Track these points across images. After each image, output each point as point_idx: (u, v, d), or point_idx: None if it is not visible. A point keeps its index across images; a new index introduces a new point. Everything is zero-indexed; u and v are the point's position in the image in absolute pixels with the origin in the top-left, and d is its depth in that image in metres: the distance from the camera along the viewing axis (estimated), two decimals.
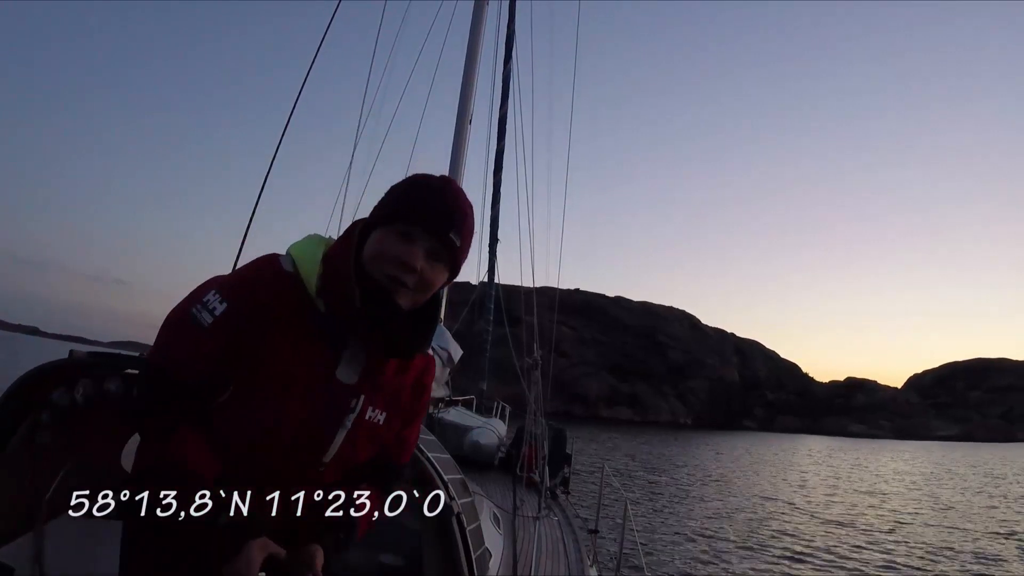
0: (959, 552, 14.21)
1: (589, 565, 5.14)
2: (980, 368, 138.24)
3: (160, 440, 1.27)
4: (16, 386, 1.94)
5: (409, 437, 1.60)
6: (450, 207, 1.39)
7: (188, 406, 1.28)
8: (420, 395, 1.58)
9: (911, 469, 39.68)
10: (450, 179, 1.45)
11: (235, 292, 1.31)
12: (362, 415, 1.41)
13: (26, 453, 1.95)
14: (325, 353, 1.36)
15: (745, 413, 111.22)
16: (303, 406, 1.34)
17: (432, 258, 1.38)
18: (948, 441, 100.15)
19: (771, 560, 12.36)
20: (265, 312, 1.30)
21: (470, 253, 1.53)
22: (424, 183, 1.42)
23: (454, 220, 1.39)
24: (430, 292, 1.43)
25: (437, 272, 1.40)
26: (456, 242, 1.40)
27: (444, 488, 2.14)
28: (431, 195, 1.39)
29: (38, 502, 1.98)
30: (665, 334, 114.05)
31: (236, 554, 1.19)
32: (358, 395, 1.40)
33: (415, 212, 1.36)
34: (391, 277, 1.35)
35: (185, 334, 1.29)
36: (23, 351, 63.98)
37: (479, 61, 6.66)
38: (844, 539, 14.89)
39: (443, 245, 1.38)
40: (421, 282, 1.38)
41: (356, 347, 1.39)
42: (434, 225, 1.36)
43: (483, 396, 9.29)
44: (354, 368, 1.40)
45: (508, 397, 10.20)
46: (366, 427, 1.43)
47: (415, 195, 1.38)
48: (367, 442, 1.45)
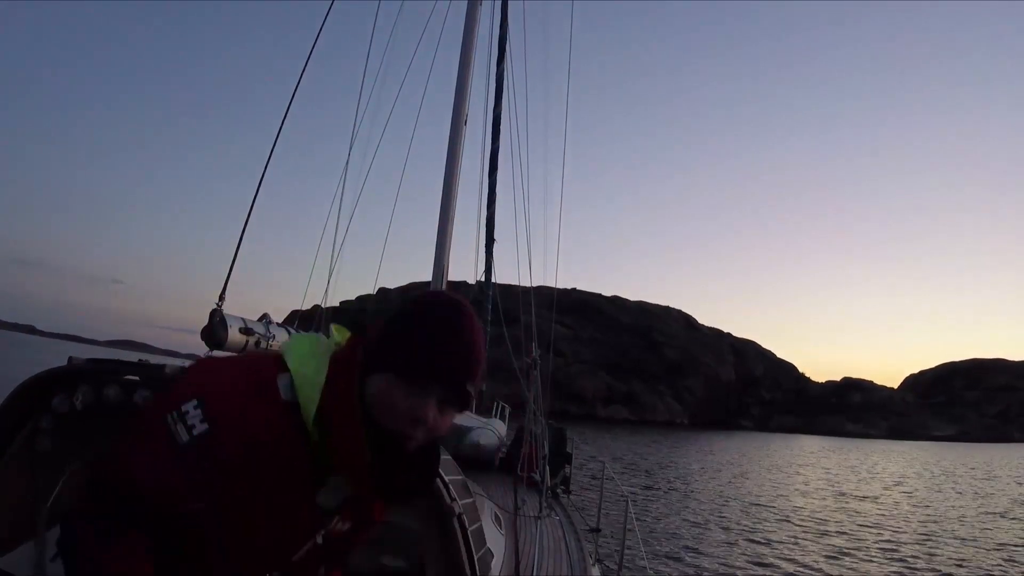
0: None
1: (591, 564, 5.14)
2: (976, 368, 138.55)
3: (99, 548, 1.13)
4: (16, 392, 1.94)
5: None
6: (469, 357, 1.26)
7: (138, 516, 1.15)
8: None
9: (906, 471, 39.74)
10: (463, 308, 1.29)
11: (221, 416, 1.16)
12: (332, 529, 1.37)
13: (26, 459, 1.95)
14: (308, 478, 1.27)
15: (741, 412, 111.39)
16: (276, 527, 1.28)
17: (444, 409, 1.27)
18: (944, 441, 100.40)
19: (771, 558, 12.38)
20: (251, 439, 1.17)
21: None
22: (442, 331, 1.24)
23: (472, 371, 1.26)
24: (438, 435, 1.31)
25: (447, 419, 1.30)
26: (472, 392, 1.28)
27: (445, 489, 2.13)
28: (449, 345, 1.23)
29: (39, 508, 1.97)
30: (661, 333, 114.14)
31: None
32: (334, 518, 1.35)
33: (432, 369, 1.22)
34: (402, 434, 1.24)
35: (153, 447, 1.15)
36: (19, 350, 63.77)
37: (473, 61, 6.66)
38: (844, 538, 14.92)
39: (458, 396, 1.27)
40: (430, 432, 1.26)
41: (343, 480, 1.29)
42: (451, 379, 1.24)
43: (482, 396, 9.29)
44: (337, 495, 1.31)
45: (505, 397, 10.19)
46: (335, 536, 1.39)
47: (432, 346, 1.22)
48: (336, 548, 1.42)
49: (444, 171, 6.18)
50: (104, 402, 1.97)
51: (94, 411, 1.97)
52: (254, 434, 1.17)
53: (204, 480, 1.15)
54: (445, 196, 6.17)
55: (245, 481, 1.18)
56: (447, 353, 1.23)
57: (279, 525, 1.28)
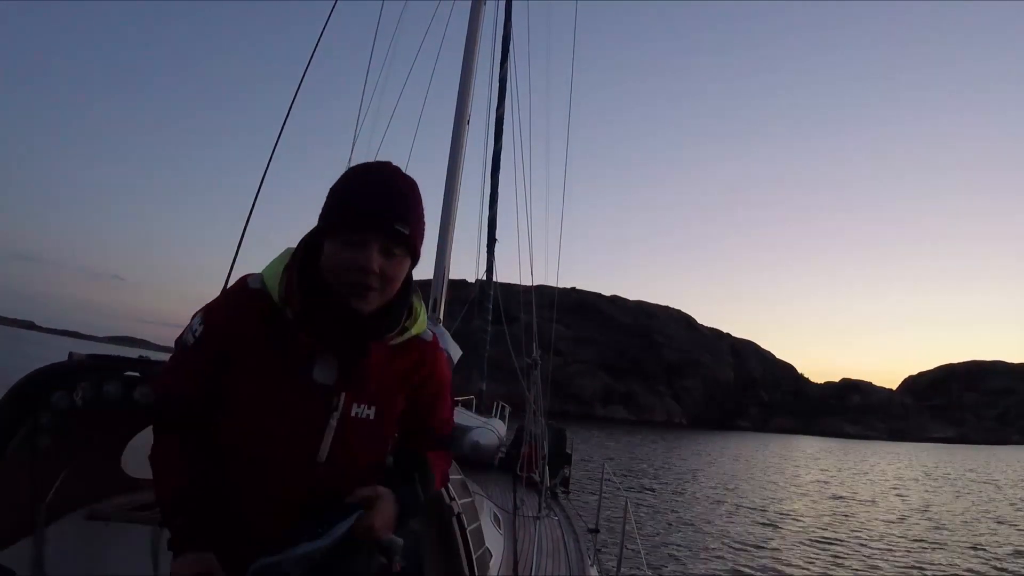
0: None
1: (590, 564, 5.14)
2: (975, 370, 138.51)
3: (156, 443, 1.45)
4: (16, 389, 1.93)
5: (442, 414, 1.67)
6: (389, 199, 1.37)
7: (186, 414, 1.43)
8: (426, 383, 1.58)
9: (904, 473, 39.74)
10: (384, 165, 1.44)
11: (211, 314, 1.44)
12: (347, 413, 1.43)
13: (26, 455, 1.94)
14: (299, 357, 1.41)
15: (740, 413, 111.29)
16: (283, 410, 1.40)
17: (387, 254, 1.37)
18: (943, 443, 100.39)
19: (770, 558, 12.38)
20: (239, 327, 1.41)
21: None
22: (359, 181, 1.39)
23: (397, 211, 1.36)
24: (396, 284, 1.42)
25: (396, 265, 1.39)
26: (405, 231, 1.37)
27: (444, 488, 2.13)
28: (368, 193, 1.37)
29: (39, 505, 1.97)
30: (661, 333, 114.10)
31: (174, 559, 1.33)
32: (339, 394, 1.42)
33: (357, 217, 1.34)
34: (352, 284, 1.36)
35: (178, 355, 1.46)
36: (19, 346, 63.77)
37: (476, 61, 6.65)
38: (843, 537, 14.92)
39: (394, 239, 1.37)
40: (383, 279, 1.38)
41: (327, 350, 1.42)
42: (378, 223, 1.34)
43: (482, 396, 9.29)
44: (330, 368, 1.42)
45: (504, 396, 10.19)
46: (355, 425, 1.44)
47: (352, 197, 1.37)
48: (361, 440, 1.47)
49: (446, 171, 6.17)
50: (104, 398, 1.97)
51: (94, 407, 1.97)
52: (238, 319, 1.41)
53: (217, 372, 1.40)
54: (447, 196, 6.16)
55: (246, 367, 1.39)
56: (367, 199, 1.35)
57: (284, 406, 1.40)
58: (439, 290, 6.09)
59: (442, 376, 1.64)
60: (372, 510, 1.38)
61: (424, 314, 1.57)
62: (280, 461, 1.41)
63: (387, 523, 1.41)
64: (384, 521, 1.40)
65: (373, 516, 1.37)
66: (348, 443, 1.44)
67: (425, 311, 1.58)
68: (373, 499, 1.39)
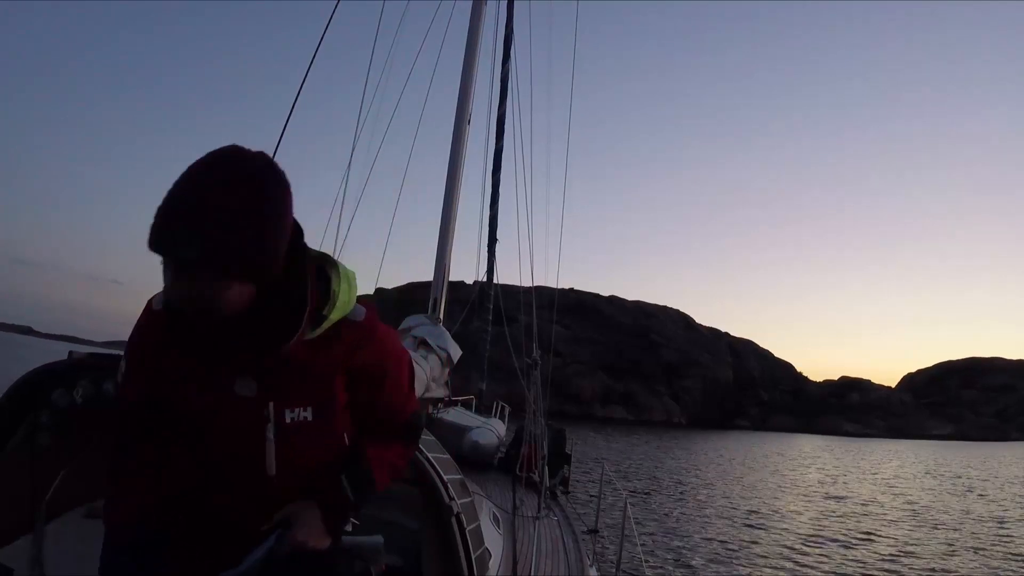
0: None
1: (589, 565, 5.13)
2: (974, 367, 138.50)
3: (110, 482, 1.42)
4: (16, 387, 1.93)
5: (393, 399, 1.54)
6: (171, 218, 1.14)
7: (130, 432, 1.43)
8: (366, 368, 1.45)
9: (903, 472, 39.74)
10: (189, 169, 1.18)
11: (129, 343, 1.44)
12: (280, 421, 1.37)
13: (26, 454, 1.94)
14: (211, 373, 1.35)
15: (739, 412, 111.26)
16: (219, 431, 1.37)
17: (188, 280, 1.17)
18: (942, 440, 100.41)
19: (769, 557, 12.39)
20: (152, 354, 1.39)
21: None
22: (165, 195, 1.16)
23: (177, 234, 1.13)
24: (233, 305, 1.22)
25: (208, 288, 1.18)
26: (192, 254, 1.13)
27: (443, 488, 2.13)
28: (160, 211, 1.14)
29: (38, 503, 1.97)
30: (659, 333, 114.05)
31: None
32: (265, 404, 1.36)
33: (154, 246, 1.14)
34: (188, 313, 1.27)
35: (119, 393, 1.50)
36: (17, 351, 63.69)
37: (477, 61, 6.65)
38: (843, 537, 14.92)
39: (190, 266, 1.15)
40: (206, 304, 1.21)
41: (237, 363, 1.34)
42: (162, 250, 1.15)
43: (482, 396, 9.29)
44: (249, 380, 1.35)
45: (503, 396, 10.19)
46: (294, 431, 1.38)
47: (153, 224, 1.15)
48: (307, 444, 1.41)
49: (447, 171, 6.17)
50: (104, 397, 1.97)
51: (94, 405, 1.97)
52: (142, 339, 1.42)
53: (150, 398, 1.40)
54: (447, 196, 6.16)
55: (171, 387, 1.37)
56: (157, 218, 1.14)
57: (220, 425, 1.37)
58: (439, 290, 6.09)
59: (386, 357, 1.49)
60: (294, 526, 1.35)
61: (349, 294, 1.39)
62: (232, 480, 1.40)
63: (317, 532, 1.37)
64: (312, 532, 1.36)
65: (296, 532, 1.34)
66: (294, 450, 1.39)
67: (351, 285, 1.41)
68: (291, 517, 1.36)
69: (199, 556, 1.39)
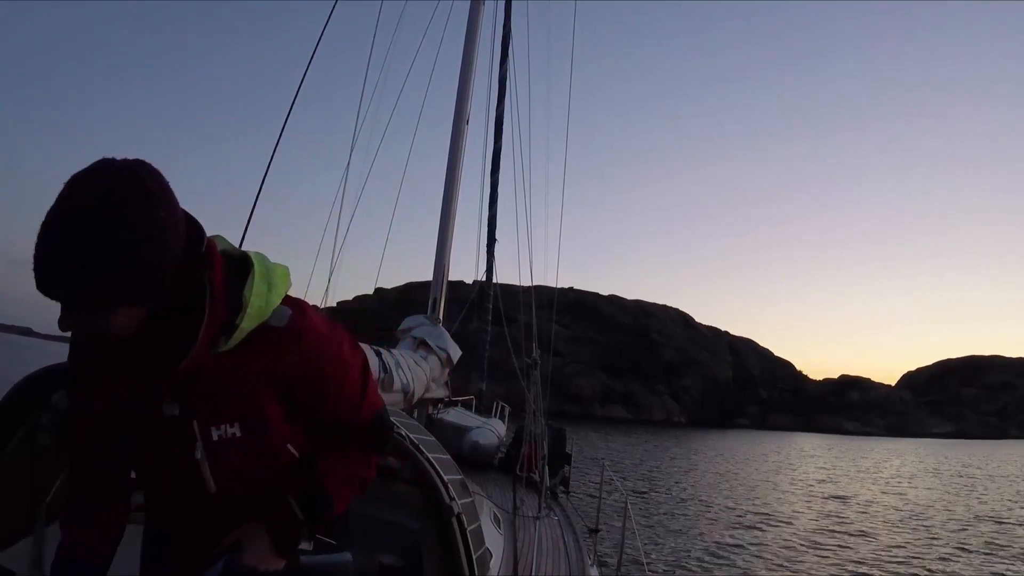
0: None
1: (590, 564, 5.13)
2: (973, 366, 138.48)
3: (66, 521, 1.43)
4: (16, 389, 1.93)
5: (340, 405, 1.43)
6: (39, 268, 1.05)
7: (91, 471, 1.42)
8: (294, 376, 1.34)
9: (903, 470, 39.75)
10: (56, 202, 1.07)
11: (71, 377, 1.40)
12: (207, 439, 1.33)
13: (26, 455, 1.94)
14: (142, 396, 1.32)
15: (739, 411, 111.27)
16: (150, 447, 1.37)
17: (80, 316, 1.10)
18: (942, 439, 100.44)
19: (770, 556, 12.39)
20: (85, 373, 1.36)
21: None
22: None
23: (48, 282, 1.05)
24: (122, 331, 1.15)
25: (93, 321, 1.12)
26: (63, 296, 1.07)
27: (444, 488, 2.13)
28: (35, 248, 1.06)
29: (39, 505, 1.97)
30: (659, 332, 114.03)
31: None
32: (189, 423, 1.32)
33: (38, 288, 1.06)
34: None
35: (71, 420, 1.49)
36: (16, 352, 63.68)
37: (476, 61, 6.66)
38: (844, 537, 14.92)
39: (66, 305, 1.09)
40: (97, 336, 1.16)
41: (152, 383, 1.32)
42: (45, 294, 1.06)
43: (482, 396, 9.29)
44: (169, 399, 1.32)
45: (503, 396, 10.19)
46: (223, 448, 1.34)
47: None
48: (242, 461, 1.37)
49: (445, 171, 6.18)
50: None
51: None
52: (76, 360, 1.37)
53: (82, 419, 1.39)
54: (446, 196, 6.17)
55: (97, 406, 1.35)
56: (34, 254, 1.07)
57: (152, 446, 1.36)
58: (438, 290, 6.09)
59: (319, 363, 1.36)
60: (243, 551, 1.34)
61: (267, 297, 1.29)
62: (177, 499, 1.40)
63: (266, 556, 1.34)
64: (259, 555, 1.34)
65: (245, 556, 1.33)
66: (229, 468, 1.36)
67: (270, 286, 1.30)
68: (241, 539, 1.35)
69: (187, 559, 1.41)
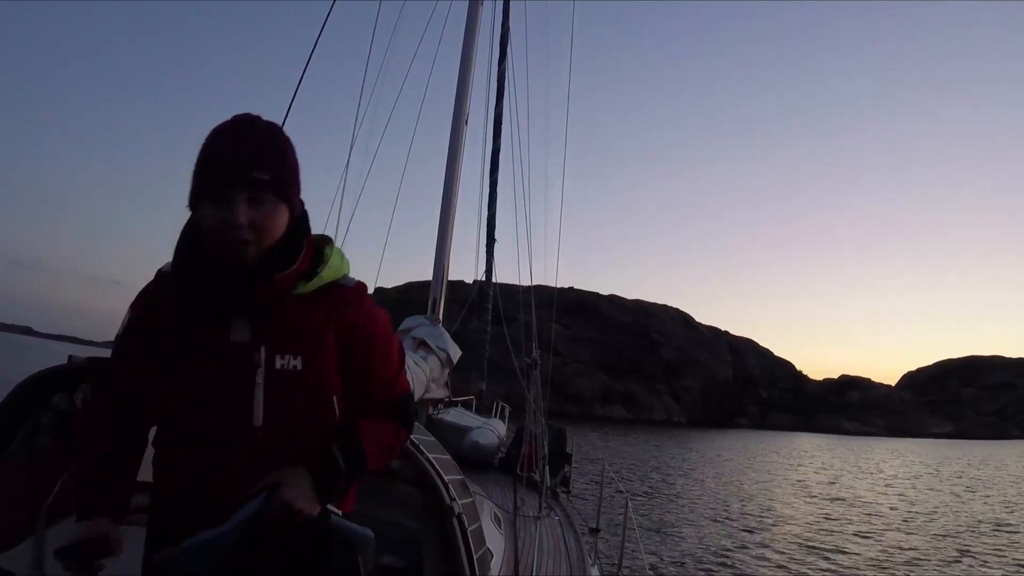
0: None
1: (591, 564, 5.14)
2: (973, 366, 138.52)
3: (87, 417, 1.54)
4: (16, 390, 1.93)
5: (385, 373, 1.58)
6: (244, 148, 1.36)
7: (121, 399, 1.49)
8: (354, 331, 1.51)
9: (903, 471, 39.75)
10: (240, 117, 1.42)
11: (133, 304, 1.51)
12: (271, 366, 1.41)
13: (27, 457, 1.94)
14: (210, 322, 1.42)
15: (739, 411, 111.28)
16: (208, 377, 1.40)
17: (255, 203, 1.35)
18: (942, 439, 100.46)
19: (771, 557, 12.40)
20: (156, 310, 1.45)
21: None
22: (213, 138, 1.39)
23: (252, 158, 1.35)
24: (273, 231, 1.39)
25: (267, 211, 1.37)
26: (265, 177, 1.35)
27: (444, 489, 2.13)
28: (222, 146, 1.37)
29: (39, 506, 1.97)
30: (659, 332, 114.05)
31: (77, 521, 1.43)
32: (257, 348, 1.41)
33: (215, 176, 1.34)
34: (226, 242, 1.36)
35: (116, 347, 1.55)
36: (17, 351, 63.78)
37: (474, 60, 6.66)
38: (844, 538, 14.93)
39: (256, 187, 1.35)
40: (256, 230, 1.36)
41: (235, 307, 1.42)
42: (235, 175, 1.33)
43: (482, 396, 9.29)
44: (244, 326, 1.42)
45: (503, 396, 10.20)
46: (283, 378, 1.42)
47: (209, 156, 1.37)
48: (295, 395, 1.43)
49: (445, 171, 6.18)
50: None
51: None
52: (153, 304, 1.47)
53: (143, 360, 1.45)
54: (446, 196, 6.17)
55: (167, 347, 1.42)
56: (220, 157, 1.35)
57: (209, 372, 1.41)
58: (438, 290, 6.09)
59: (374, 326, 1.56)
60: (282, 488, 1.33)
61: (341, 261, 1.53)
62: (216, 431, 1.40)
63: (304, 497, 1.34)
64: (299, 493, 1.34)
65: (284, 492, 1.32)
66: (282, 400, 1.41)
67: (343, 259, 1.55)
68: (279, 479, 1.36)
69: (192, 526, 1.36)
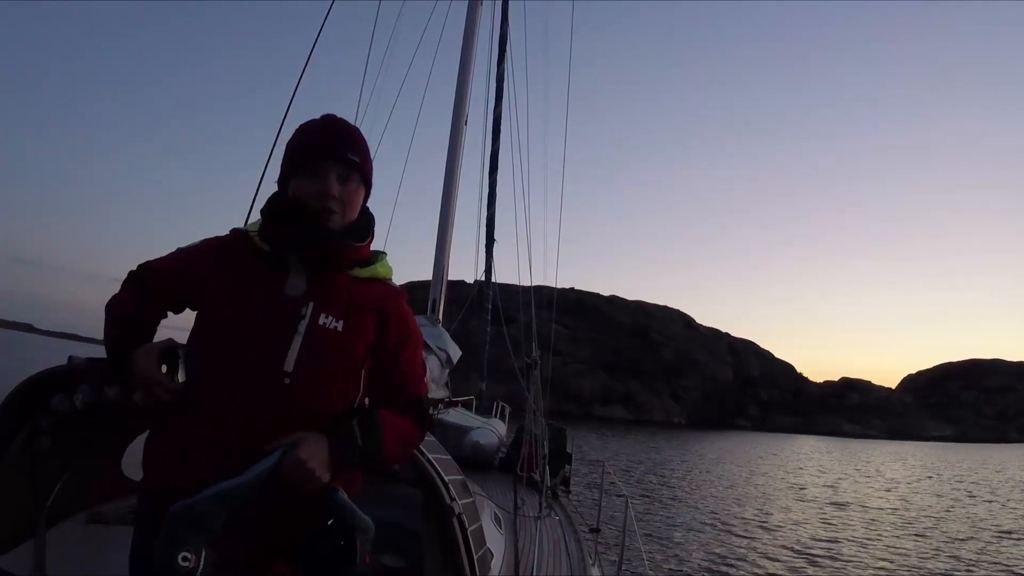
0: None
1: (591, 564, 5.14)
2: (974, 369, 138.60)
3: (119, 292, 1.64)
4: (16, 392, 1.93)
5: (410, 369, 1.71)
6: (338, 134, 1.60)
7: (157, 278, 1.62)
8: (392, 322, 1.66)
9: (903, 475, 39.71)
10: (328, 115, 1.66)
11: (209, 240, 1.65)
12: (314, 321, 1.52)
13: (26, 458, 1.94)
14: (269, 276, 1.55)
15: (739, 412, 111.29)
16: (254, 321, 1.50)
17: (343, 181, 1.57)
18: (942, 442, 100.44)
19: (770, 557, 12.39)
20: (223, 255, 1.59)
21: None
22: (309, 126, 1.62)
23: (347, 142, 1.59)
24: (354, 208, 1.62)
25: (352, 191, 1.60)
26: (356, 159, 1.59)
27: (445, 489, 2.13)
28: (320, 132, 1.60)
29: (39, 507, 1.97)
30: (659, 333, 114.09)
31: (131, 357, 1.51)
32: (306, 303, 1.53)
33: (314, 150, 1.57)
34: (319, 210, 1.54)
35: (167, 256, 1.66)
36: (17, 349, 63.77)
37: (474, 61, 6.66)
38: (843, 540, 14.92)
39: (347, 166, 1.58)
40: (342, 203, 1.57)
41: (298, 266, 1.56)
42: (332, 153, 1.56)
43: (482, 396, 9.28)
44: (299, 283, 1.55)
45: (503, 396, 10.19)
46: (322, 334, 1.52)
47: (307, 138, 1.60)
48: (329, 352, 1.52)
49: (444, 171, 6.18)
50: (104, 401, 1.96)
51: (94, 410, 1.96)
52: (217, 248, 1.61)
53: (184, 278, 1.58)
54: (445, 196, 6.17)
55: (217, 288, 1.54)
56: (320, 137, 1.59)
57: (255, 317, 1.51)
58: (438, 290, 6.09)
59: (409, 327, 1.72)
60: (298, 446, 1.39)
61: (390, 268, 1.73)
62: (248, 369, 1.47)
63: (319, 459, 1.40)
64: (313, 455, 1.39)
65: (300, 450, 1.38)
66: (315, 353, 1.50)
67: (391, 269, 1.74)
68: (297, 440, 1.41)
69: (204, 461, 1.44)
